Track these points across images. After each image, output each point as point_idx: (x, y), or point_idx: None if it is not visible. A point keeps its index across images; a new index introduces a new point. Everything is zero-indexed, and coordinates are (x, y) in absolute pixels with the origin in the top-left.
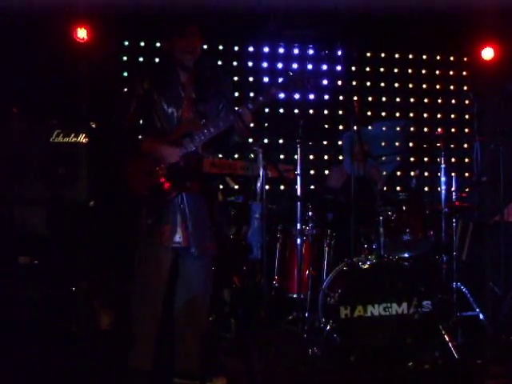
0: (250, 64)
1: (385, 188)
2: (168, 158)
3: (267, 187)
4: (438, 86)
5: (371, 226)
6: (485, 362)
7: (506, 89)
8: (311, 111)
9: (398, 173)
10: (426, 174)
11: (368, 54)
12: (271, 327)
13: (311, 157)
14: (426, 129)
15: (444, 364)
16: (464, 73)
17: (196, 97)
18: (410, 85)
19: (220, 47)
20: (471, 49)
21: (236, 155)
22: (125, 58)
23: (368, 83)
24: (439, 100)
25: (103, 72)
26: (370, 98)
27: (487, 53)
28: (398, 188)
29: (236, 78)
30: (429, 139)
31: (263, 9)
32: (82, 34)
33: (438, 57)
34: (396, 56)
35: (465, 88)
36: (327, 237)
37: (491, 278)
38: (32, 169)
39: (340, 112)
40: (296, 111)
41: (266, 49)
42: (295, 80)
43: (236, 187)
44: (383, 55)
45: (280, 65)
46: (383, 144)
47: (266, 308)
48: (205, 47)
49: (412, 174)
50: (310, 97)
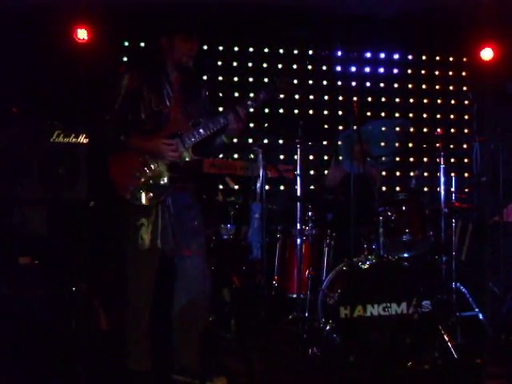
0: (250, 64)
1: (383, 188)
2: (170, 155)
3: (267, 187)
4: (438, 87)
5: (371, 226)
6: (484, 362)
7: (506, 89)
8: (311, 111)
9: (398, 173)
10: (426, 175)
11: (367, 55)
12: (271, 327)
13: (311, 157)
14: (426, 129)
15: (443, 364)
16: (463, 73)
17: (184, 97)
18: (410, 85)
19: (220, 48)
20: (470, 49)
21: (236, 155)
22: (125, 59)
23: (367, 84)
24: (439, 100)
25: (103, 72)
26: (370, 99)
27: (486, 53)
28: (398, 188)
29: (236, 79)
30: (428, 139)
31: (263, 9)
32: (82, 35)
33: (438, 57)
34: (395, 57)
35: (464, 88)
36: (327, 237)
37: (490, 278)
38: (32, 169)
39: (340, 112)
40: (296, 111)
41: (266, 50)
42: (280, 85)
43: (236, 187)
44: (382, 56)
45: (280, 65)
46: (382, 144)
47: (266, 308)
48: (205, 48)
49: (411, 175)
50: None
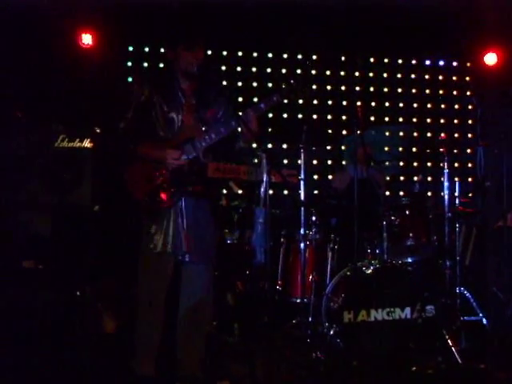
0: (254, 69)
1: (387, 192)
2: (172, 162)
3: (271, 192)
4: (441, 92)
5: (374, 231)
6: (488, 367)
7: (509, 94)
8: (315, 116)
9: (401, 177)
10: (430, 179)
11: (371, 60)
12: (274, 331)
13: (315, 162)
14: (429, 134)
15: (447, 369)
16: (467, 78)
17: (197, 103)
18: (413, 90)
19: (224, 53)
20: (474, 54)
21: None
22: (129, 64)
23: (371, 88)
24: (442, 105)
25: (108, 77)
26: (374, 103)
27: (490, 58)
28: (401, 193)
29: (240, 84)
30: (432, 144)
31: (266, 14)
32: (87, 40)
33: (441, 62)
34: (399, 61)
35: (468, 93)
36: (330, 242)
37: (494, 283)
38: (36, 173)
39: (343, 117)
40: (300, 116)
41: (270, 54)
42: (296, 89)
43: (240, 192)
44: (386, 61)
45: (284, 70)
46: (386, 149)
47: (270, 312)
48: (209, 53)
49: (415, 179)
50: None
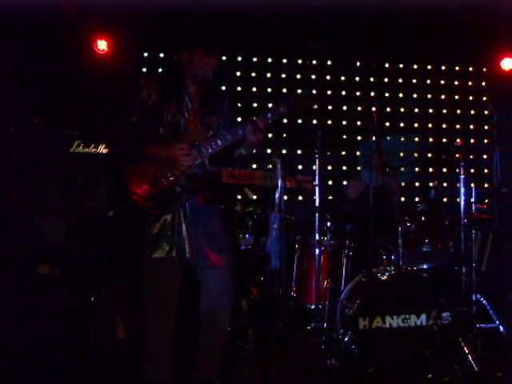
0: (269, 75)
1: (402, 198)
2: (183, 159)
3: (285, 198)
4: (457, 97)
5: (390, 237)
6: (505, 375)
7: None
8: (330, 122)
9: (417, 183)
10: (445, 185)
11: (386, 65)
12: (289, 338)
13: (329, 167)
14: (445, 139)
15: (463, 377)
16: (483, 83)
17: (202, 108)
18: (429, 95)
19: (239, 58)
20: (490, 59)
21: (254, 166)
22: (144, 70)
23: (386, 94)
24: (458, 110)
25: (122, 83)
26: (389, 109)
27: (506, 63)
28: (417, 199)
29: (255, 89)
30: (448, 150)
31: (281, 20)
32: (103, 46)
33: (457, 67)
34: (414, 67)
35: (484, 98)
36: (345, 247)
37: (511, 290)
38: (52, 179)
39: (358, 123)
40: (314, 121)
41: (285, 60)
42: (300, 102)
43: (254, 198)
44: (401, 66)
45: (298, 76)
46: (401, 155)
47: (284, 319)
48: (224, 58)
49: (431, 185)
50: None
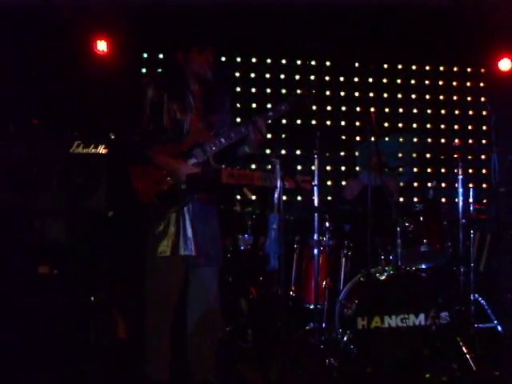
0: (268, 76)
1: (401, 199)
2: (182, 176)
3: (284, 198)
4: (456, 97)
5: (388, 237)
6: (503, 374)
7: None
8: (328, 122)
9: (415, 184)
10: (444, 185)
11: (385, 66)
12: (288, 338)
13: (328, 168)
14: (443, 140)
15: (462, 376)
16: (481, 84)
17: (204, 107)
18: (427, 96)
19: (238, 59)
20: (488, 60)
21: (253, 166)
22: (144, 70)
23: (385, 94)
24: (456, 111)
25: (122, 84)
26: (387, 110)
27: (504, 64)
28: (416, 199)
29: (254, 90)
30: (446, 150)
31: (280, 21)
32: (102, 46)
33: (455, 68)
34: (413, 67)
35: (482, 99)
36: (344, 248)
37: (509, 290)
38: (52, 179)
39: (357, 123)
40: (313, 122)
41: (284, 61)
42: (299, 102)
43: (253, 198)
44: (400, 67)
45: (297, 76)
46: (400, 155)
47: (283, 318)
48: (223, 59)
49: (429, 185)
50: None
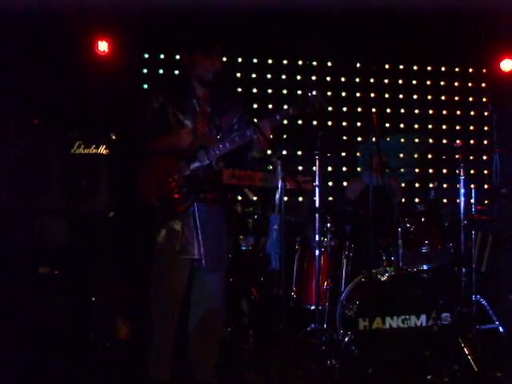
0: (269, 76)
1: (403, 199)
2: (178, 171)
3: (285, 199)
4: (457, 98)
5: (390, 238)
6: (505, 375)
7: None
8: (330, 123)
9: (417, 184)
10: (445, 186)
11: (387, 66)
12: (289, 339)
13: (329, 168)
14: (445, 140)
15: (463, 377)
16: (483, 84)
17: (211, 111)
18: (429, 96)
19: (239, 60)
20: (490, 60)
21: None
22: (145, 71)
23: (386, 95)
24: (458, 111)
25: (123, 84)
26: (389, 110)
27: (506, 64)
28: (417, 200)
29: (255, 90)
30: (448, 151)
31: (281, 21)
32: (103, 47)
33: (457, 68)
34: (414, 68)
35: (484, 99)
36: (345, 248)
37: (510, 290)
38: (53, 180)
39: (358, 124)
40: (314, 123)
41: (285, 61)
42: (313, 102)
43: (254, 199)
44: (402, 67)
45: (298, 77)
46: (401, 156)
47: (284, 319)
48: (224, 59)
49: (431, 186)
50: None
